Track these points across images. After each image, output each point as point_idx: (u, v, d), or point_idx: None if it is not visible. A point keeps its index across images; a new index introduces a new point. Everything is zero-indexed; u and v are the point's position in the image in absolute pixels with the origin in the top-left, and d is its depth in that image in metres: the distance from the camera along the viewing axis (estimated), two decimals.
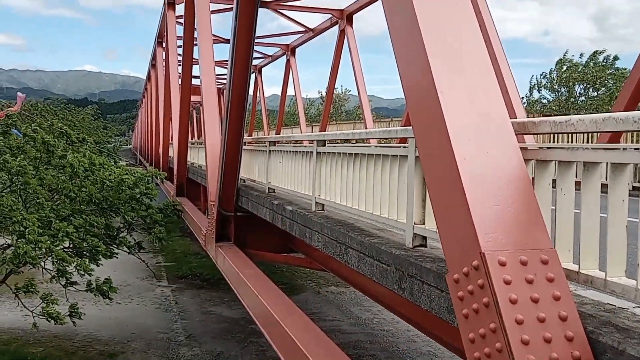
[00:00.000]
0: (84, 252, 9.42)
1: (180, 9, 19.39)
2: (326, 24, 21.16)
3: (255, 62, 29.32)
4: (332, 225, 5.26)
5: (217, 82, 22.02)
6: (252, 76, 30.06)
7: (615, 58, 31.75)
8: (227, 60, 9.23)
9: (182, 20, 17.55)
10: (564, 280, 2.52)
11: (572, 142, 13.39)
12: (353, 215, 5.38)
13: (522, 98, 30.14)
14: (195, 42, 14.87)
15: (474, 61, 2.94)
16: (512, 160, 2.74)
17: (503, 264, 2.47)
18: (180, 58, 19.46)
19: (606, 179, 2.64)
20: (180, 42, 19.22)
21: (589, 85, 32.44)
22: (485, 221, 2.57)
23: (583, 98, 32.65)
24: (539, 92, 34.39)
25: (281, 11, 20.37)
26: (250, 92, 22.73)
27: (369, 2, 18.03)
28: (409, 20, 3.04)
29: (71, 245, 9.36)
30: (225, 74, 30.64)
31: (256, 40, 9.17)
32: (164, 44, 24.22)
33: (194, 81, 17.68)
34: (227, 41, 22.56)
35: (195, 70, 17.78)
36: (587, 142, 13.24)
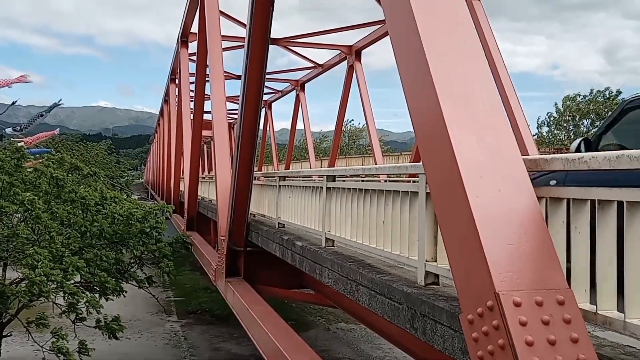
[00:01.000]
0: (94, 287, 9.41)
1: (193, 46, 19.86)
2: (335, 60, 21.52)
3: (265, 97, 29.74)
4: (342, 262, 5.20)
5: (228, 117, 22.33)
6: (262, 111, 30.44)
7: (619, 92, 31.94)
8: (238, 96, 9.38)
9: (194, 58, 17.93)
10: (582, 321, 2.45)
11: None
12: (363, 251, 5.33)
13: (534, 135, 30.24)
14: (207, 79, 15.16)
15: (484, 98, 2.95)
16: (525, 198, 2.71)
17: (518, 304, 2.41)
18: (192, 94, 19.84)
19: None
20: (192, 79, 19.63)
21: (596, 119, 32.54)
22: (499, 260, 2.53)
23: (593, 130, 32.70)
24: (548, 128, 34.58)
25: (291, 48, 20.78)
26: (260, 126, 22.97)
27: (377, 39, 18.35)
28: (418, 58, 3.07)
29: (81, 280, 9.35)
30: (236, 109, 31.12)
31: (266, 76, 9.33)
32: (177, 81, 24.70)
33: (206, 116, 17.96)
34: (238, 77, 22.87)
35: (207, 106, 18.12)
36: None
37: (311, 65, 23.40)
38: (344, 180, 6.05)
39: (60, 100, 30.45)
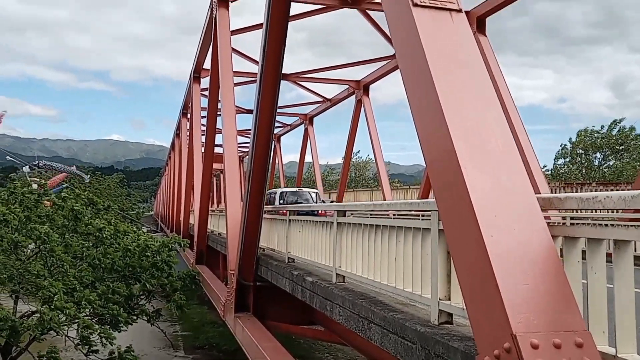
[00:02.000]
0: (106, 320, 9.36)
1: (204, 82, 20.23)
2: (343, 94, 21.83)
3: (274, 131, 30.03)
4: (353, 299, 5.15)
5: (238, 150, 22.55)
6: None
7: (632, 129, 32.07)
8: (248, 130, 9.48)
9: (206, 93, 18.24)
10: None
11: (598, 211, 13.17)
12: (375, 288, 5.27)
13: (544, 167, 30.22)
14: (218, 113, 15.38)
15: (497, 137, 2.97)
16: (540, 237, 2.70)
17: (536, 347, 2.37)
18: (203, 127, 20.09)
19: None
20: (204, 113, 19.93)
21: (609, 153, 32.52)
22: (516, 301, 2.50)
23: (606, 164, 32.68)
24: (563, 160, 34.65)
25: (300, 83, 21.12)
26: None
27: (385, 74, 18.63)
28: (429, 96, 3.12)
29: (93, 313, 9.32)
30: (246, 142, 31.37)
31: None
32: (189, 115, 25.08)
33: (216, 149, 18.14)
34: (249, 112, 23.28)
35: (218, 139, 18.33)
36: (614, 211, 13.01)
37: (320, 99, 23.72)
38: (355, 216, 6.05)
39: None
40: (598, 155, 33.60)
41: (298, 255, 8.24)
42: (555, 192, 17.76)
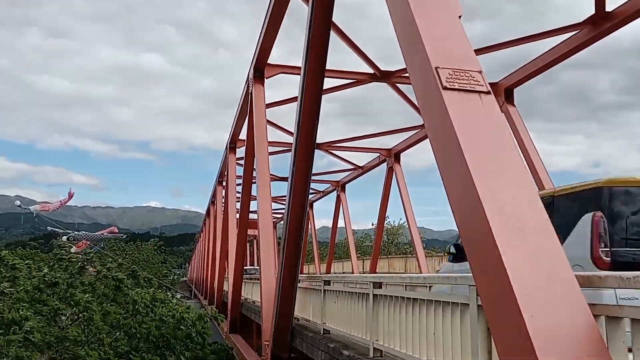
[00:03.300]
0: None
1: (240, 151, 20.90)
2: (375, 162, 22.11)
3: None
4: None
5: (272, 215, 22.83)
6: None
7: None
8: (282, 196, 9.68)
9: (242, 162, 18.78)
10: None
11: None
12: None
13: None
14: (253, 181, 15.76)
15: (531, 217, 3.02)
16: (581, 317, 2.68)
17: None
18: (238, 195, 20.54)
19: None
20: (239, 181, 20.44)
21: None
22: None
23: None
24: None
25: (332, 152, 21.55)
26: None
27: (416, 142, 18.89)
28: (463, 178, 3.21)
29: None
30: (279, 209, 31.60)
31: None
32: (224, 183, 25.71)
33: (250, 216, 18.42)
34: (283, 179, 23.82)
35: (252, 206, 18.64)
36: None
37: (351, 167, 24.06)
38: (391, 284, 6.01)
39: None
40: None
41: (334, 327, 8.15)
42: None
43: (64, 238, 31.64)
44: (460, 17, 4.15)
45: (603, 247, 5.00)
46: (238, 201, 19.73)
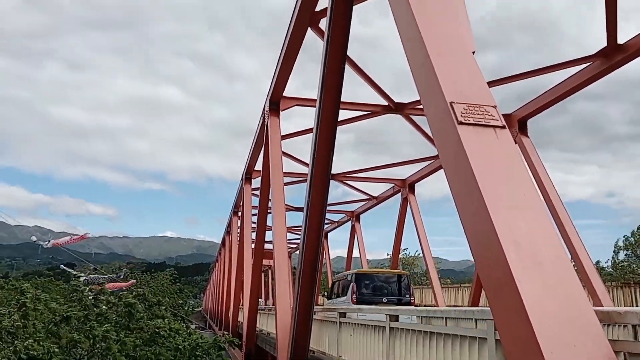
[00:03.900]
0: None
1: (255, 182, 21.07)
2: (389, 192, 22.11)
3: None
4: None
5: (287, 245, 22.81)
6: None
7: None
8: (297, 226, 9.73)
9: (257, 192, 18.91)
10: None
11: None
12: None
13: (597, 262, 28.74)
14: (269, 211, 15.84)
15: (547, 249, 3.02)
16: (602, 353, 2.65)
17: None
18: (253, 225, 20.60)
19: None
20: (254, 211, 20.54)
21: None
22: None
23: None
24: (622, 253, 33.01)
25: (347, 182, 21.62)
26: None
27: (430, 172, 18.89)
28: (479, 211, 3.23)
29: None
30: (294, 239, 31.52)
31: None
32: (239, 213, 25.83)
33: (265, 246, 18.45)
34: (298, 209, 23.89)
35: (267, 236, 18.68)
36: None
37: (366, 197, 24.06)
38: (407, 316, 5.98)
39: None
40: None
41: (349, 359, 8.06)
42: (612, 292, 16.80)
43: (82, 279, 31.96)
44: (474, 52, 4.24)
45: (354, 296, 13.93)
46: (253, 231, 19.79)
